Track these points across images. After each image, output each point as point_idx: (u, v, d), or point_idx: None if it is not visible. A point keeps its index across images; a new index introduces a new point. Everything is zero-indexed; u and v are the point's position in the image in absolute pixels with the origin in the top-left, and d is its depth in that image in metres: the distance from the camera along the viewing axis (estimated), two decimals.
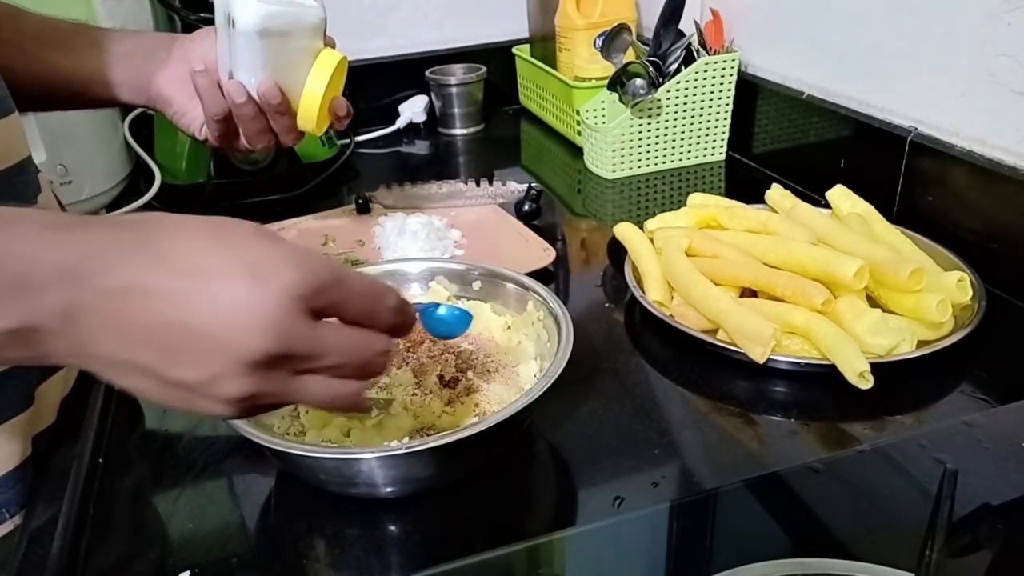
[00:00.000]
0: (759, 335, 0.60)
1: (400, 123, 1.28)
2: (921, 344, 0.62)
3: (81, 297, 0.34)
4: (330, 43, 0.64)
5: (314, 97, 0.62)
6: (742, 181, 1.02)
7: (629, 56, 1.00)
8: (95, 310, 0.35)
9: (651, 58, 1.01)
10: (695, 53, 1.02)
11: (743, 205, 0.81)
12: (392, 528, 0.51)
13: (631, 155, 1.03)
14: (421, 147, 1.26)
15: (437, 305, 0.53)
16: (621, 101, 1.00)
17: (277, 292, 0.35)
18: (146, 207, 0.98)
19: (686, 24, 1.02)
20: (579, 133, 1.11)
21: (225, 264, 0.35)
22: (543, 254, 0.81)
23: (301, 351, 0.36)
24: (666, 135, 1.03)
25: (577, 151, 1.12)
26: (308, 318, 0.36)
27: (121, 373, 0.36)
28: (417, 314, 0.46)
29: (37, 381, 0.59)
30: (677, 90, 1.00)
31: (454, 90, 1.25)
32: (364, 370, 0.39)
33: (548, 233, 0.88)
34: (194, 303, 0.35)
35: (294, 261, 0.36)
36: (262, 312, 0.35)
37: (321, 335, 0.37)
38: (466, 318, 0.53)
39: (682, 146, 1.05)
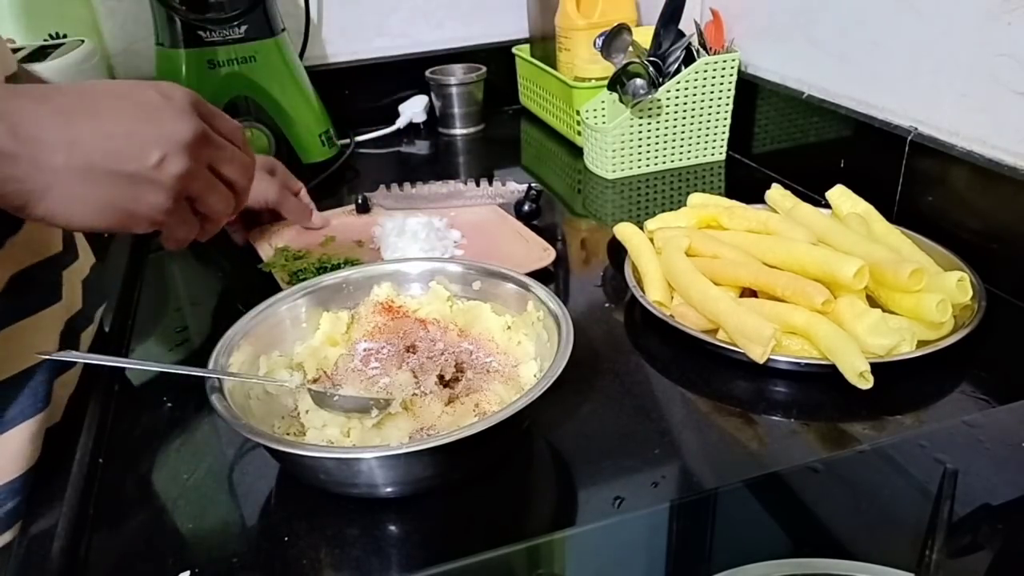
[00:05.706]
0: (759, 335, 0.60)
1: (400, 123, 1.28)
2: (921, 344, 0.62)
3: (23, 116, 0.42)
4: None
5: None
6: (742, 181, 1.02)
7: (629, 56, 1.00)
8: (41, 124, 0.42)
9: (651, 58, 1.01)
10: (695, 53, 1.02)
11: (743, 205, 0.81)
12: (392, 528, 0.51)
13: (631, 155, 1.03)
14: (421, 147, 1.26)
15: None
16: (621, 101, 1.00)
17: (182, 94, 0.47)
18: None
19: (686, 24, 1.02)
20: (579, 133, 1.11)
21: (134, 89, 0.47)
22: (543, 254, 0.81)
23: (215, 128, 0.49)
24: (666, 135, 1.03)
25: (577, 151, 1.12)
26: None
27: (73, 182, 0.43)
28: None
29: (53, 379, 0.59)
30: (677, 90, 1.00)
31: (454, 90, 1.25)
32: (245, 172, 0.51)
33: (548, 233, 0.88)
34: (125, 112, 0.45)
35: (173, 85, 0.48)
36: (180, 106, 0.47)
37: (220, 121, 0.50)
38: None
39: (682, 146, 1.05)
